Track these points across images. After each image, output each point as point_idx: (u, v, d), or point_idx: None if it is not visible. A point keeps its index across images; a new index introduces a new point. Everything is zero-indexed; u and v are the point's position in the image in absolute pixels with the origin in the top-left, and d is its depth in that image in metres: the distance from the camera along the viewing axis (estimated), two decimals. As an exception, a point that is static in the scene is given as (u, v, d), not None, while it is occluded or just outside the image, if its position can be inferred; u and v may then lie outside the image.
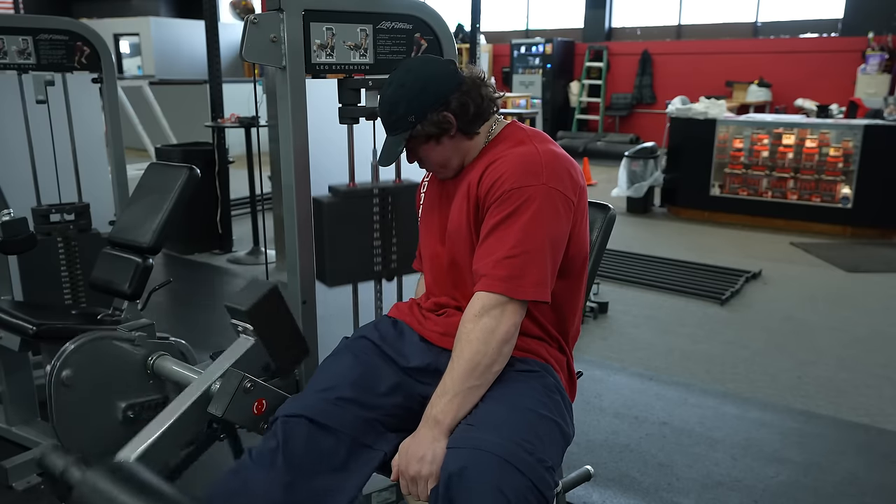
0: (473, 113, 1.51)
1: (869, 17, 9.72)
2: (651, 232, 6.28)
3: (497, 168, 1.44)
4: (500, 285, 1.36)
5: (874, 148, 5.87)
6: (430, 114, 1.48)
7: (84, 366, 1.76)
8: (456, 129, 1.51)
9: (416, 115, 1.48)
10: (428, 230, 1.65)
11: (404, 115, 1.49)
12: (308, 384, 1.51)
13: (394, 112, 1.50)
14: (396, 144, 1.52)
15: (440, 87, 1.49)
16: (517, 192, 1.39)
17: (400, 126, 1.50)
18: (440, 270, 1.59)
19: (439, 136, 1.51)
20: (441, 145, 1.52)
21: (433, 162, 1.56)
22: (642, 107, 11.72)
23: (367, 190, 1.94)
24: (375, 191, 1.95)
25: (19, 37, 2.74)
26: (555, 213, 1.40)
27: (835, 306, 4.24)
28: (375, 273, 2.00)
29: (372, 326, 1.64)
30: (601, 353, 3.50)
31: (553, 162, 1.43)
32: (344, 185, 1.93)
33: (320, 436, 1.37)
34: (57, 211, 2.91)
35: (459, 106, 1.49)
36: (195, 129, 6.31)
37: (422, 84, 1.49)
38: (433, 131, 1.50)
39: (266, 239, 5.18)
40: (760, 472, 2.45)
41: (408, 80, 1.50)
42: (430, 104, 1.48)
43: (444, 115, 1.48)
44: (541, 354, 1.51)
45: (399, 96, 1.49)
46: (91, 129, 3.30)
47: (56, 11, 4.09)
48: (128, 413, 1.77)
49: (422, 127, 1.49)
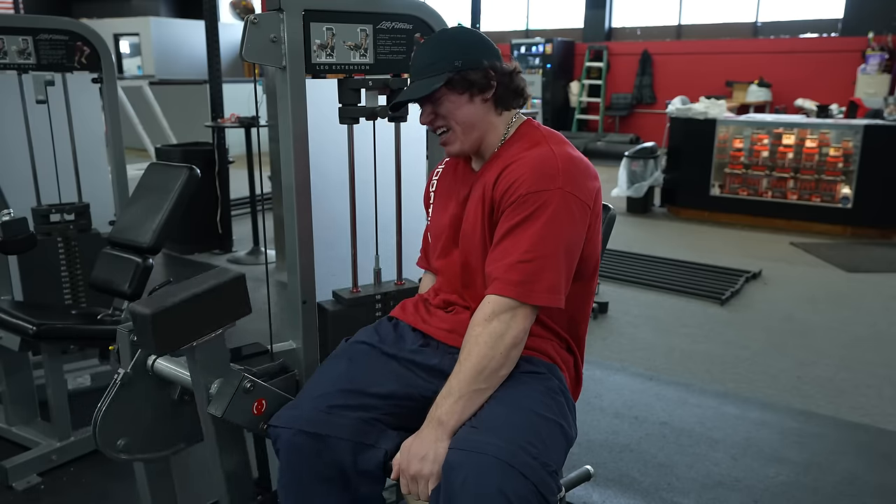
0: (513, 88, 1.50)
1: (869, 17, 9.73)
2: (651, 232, 6.28)
3: (513, 171, 1.42)
4: (512, 290, 1.36)
5: (874, 148, 5.87)
6: (478, 63, 1.45)
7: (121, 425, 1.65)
8: (493, 93, 1.48)
9: (464, 61, 1.44)
10: (439, 230, 1.63)
11: (450, 57, 1.44)
12: (304, 389, 1.52)
13: (438, 53, 1.46)
14: (432, 82, 1.45)
15: (490, 49, 1.50)
16: (534, 197, 1.37)
17: (441, 67, 1.44)
18: (452, 271, 1.58)
19: (474, 93, 1.47)
20: (472, 104, 1.48)
21: (457, 121, 1.49)
22: (642, 107, 11.72)
23: (369, 297, 1.97)
24: (378, 296, 1.98)
25: (19, 37, 2.74)
26: (570, 217, 1.39)
27: (835, 306, 4.24)
28: None
29: (372, 330, 1.64)
30: (601, 353, 3.50)
31: (570, 166, 1.42)
32: (347, 291, 1.96)
33: (322, 447, 1.38)
34: (57, 211, 2.91)
35: (506, 72, 1.49)
36: (195, 129, 6.31)
37: (474, 39, 1.49)
38: (476, 79, 1.45)
39: (266, 239, 5.19)
40: (760, 472, 2.45)
41: (456, 34, 1.51)
42: (479, 55, 1.46)
43: (489, 71, 1.46)
44: (548, 353, 1.50)
45: (445, 42, 1.48)
46: (91, 129, 3.30)
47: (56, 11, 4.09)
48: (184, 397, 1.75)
49: (463, 75, 1.44)
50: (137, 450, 1.65)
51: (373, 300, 1.97)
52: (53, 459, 2.39)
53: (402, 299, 1.94)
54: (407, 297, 1.80)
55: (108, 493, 2.28)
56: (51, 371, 2.31)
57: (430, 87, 1.45)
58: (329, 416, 1.40)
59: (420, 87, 1.46)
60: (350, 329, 1.71)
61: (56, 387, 2.34)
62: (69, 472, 2.38)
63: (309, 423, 1.39)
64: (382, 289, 2.00)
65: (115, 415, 1.59)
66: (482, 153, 1.55)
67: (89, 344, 2.47)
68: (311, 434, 1.38)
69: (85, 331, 2.34)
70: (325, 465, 1.38)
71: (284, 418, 1.43)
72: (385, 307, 1.98)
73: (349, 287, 1.98)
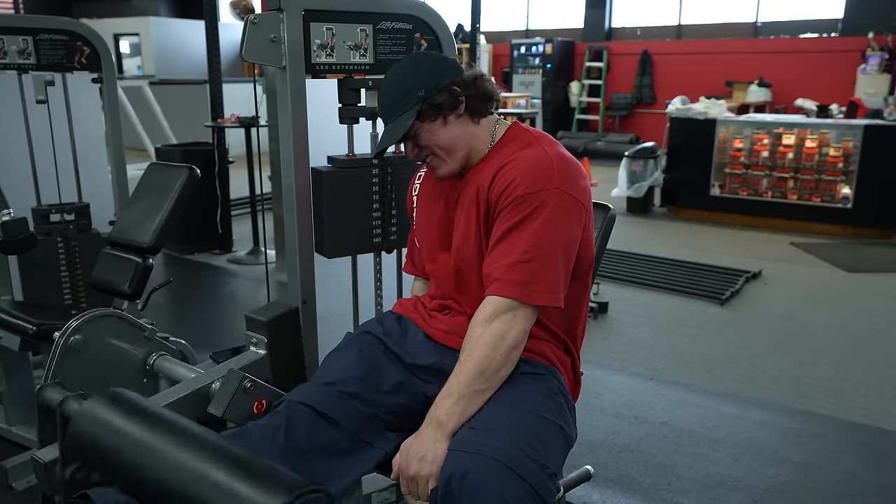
0: (482, 94, 1.50)
1: (869, 17, 9.72)
2: (651, 232, 6.28)
3: (508, 172, 1.42)
4: (512, 290, 1.35)
5: (874, 148, 5.87)
6: (439, 86, 1.46)
7: (93, 338, 1.78)
8: (465, 108, 1.48)
9: (427, 89, 1.45)
10: (428, 235, 1.62)
11: (413, 89, 1.46)
12: (313, 377, 1.52)
13: (400, 90, 1.47)
14: (404, 121, 1.47)
15: (447, 66, 1.50)
16: (530, 198, 1.38)
17: (407, 102, 1.46)
18: (445, 276, 1.57)
19: (447, 114, 1.47)
20: (448, 125, 1.48)
21: (439, 146, 1.49)
22: (642, 107, 11.72)
23: (366, 160, 1.92)
24: (375, 160, 1.93)
25: (19, 37, 2.74)
26: (567, 217, 1.39)
27: (835, 306, 4.24)
28: (375, 245, 1.97)
29: (376, 322, 1.64)
30: (601, 353, 3.50)
31: (564, 166, 1.42)
32: (343, 156, 1.91)
33: (323, 426, 1.38)
34: (57, 211, 2.91)
35: (468, 83, 1.49)
36: (195, 129, 6.30)
37: (428, 64, 1.49)
38: (443, 101, 1.46)
39: (266, 239, 5.19)
40: (760, 472, 2.45)
41: (411, 63, 1.51)
42: (438, 77, 1.46)
43: (453, 89, 1.47)
44: (546, 356, 1.50)
45: (403, 76, 1.49)
46: (91, 129, 3.30)
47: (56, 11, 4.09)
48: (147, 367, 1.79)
49: (430, 102, 1.46)
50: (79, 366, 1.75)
51: (370, 163, 1.92)
52: (53, 459, 2.38)
53: (400, 167, 1.93)
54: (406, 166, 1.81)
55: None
56: (51, 371, 2.31)
57: (404, 126, 1.46)
58: (340, 402, 1.41)
59: (394, 131, 1.48)
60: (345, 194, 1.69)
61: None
62: (69, 472, 2.38)
63: (321, 404, 1.40)
64: None
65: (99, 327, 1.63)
66: (471, 160, 1.55)
67: (89, 344, 2.47)
68: (319, 413, 1.39)
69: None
70: (315, 443, 1.38)
71: (296, 395, 1.43)
72: (383, 174, 1.93)
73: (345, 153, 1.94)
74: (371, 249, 1.98)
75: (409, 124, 1.46)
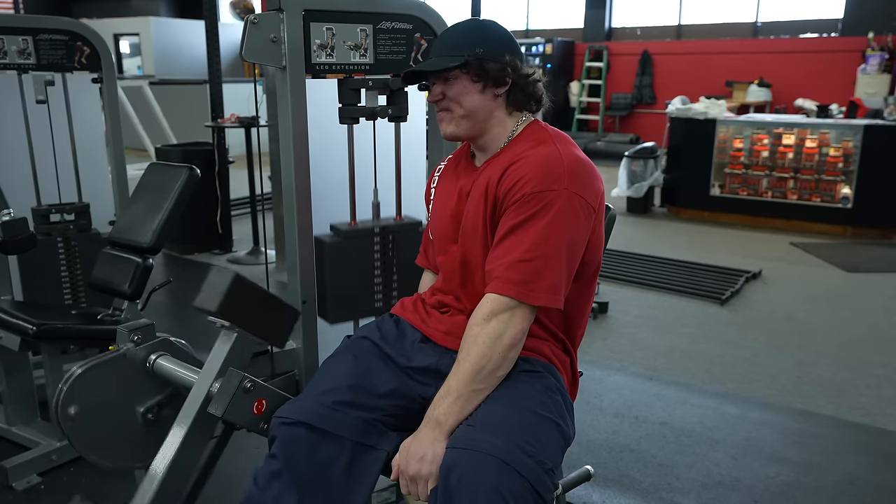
0: (528, 92, 1.50)
1: (869, 17, 9.73)
2: (651, 232, 6.28)
3: (518, 169, 1.41)
4: (512, 289, 1.35)
5: (874, 148, 5.87)
6: (498, 57, 1.45)
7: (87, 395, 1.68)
8: (506, 90, 1.48)
9: (486, 50, 1.44)
10: (440, 227, 1.62)
11: (473, 43, 1.45)
12: (308, 385, 1.51)
13: (463, 36, 1.47)
14: (448, 61, 1.45)
15: (514, 47, 1.49)
16: (538, 196, 1.36)
17: (461, 50, 1.45)
18: (451, 268, 1.57)
19: (488, 84, 1.47)
20: (482, 94, 1.47)
21: (462, 105, 1.48)
22: (642, 107, 11.73)
23: (368, 229, 1.94)
24: (376, 229, 1.96)
25: (19, 37, 2.74)
26: (575, 218, 1.38)
27: (835, 306, 4.24)
28: (377, 309, 2.00)
29: (374, 326, 1.64)
30: (601, 353, 3.50)
31: (576, 167, 1.41)
32: (345, 224, 1.94)
33: (321, 443, 1.37)
34: (57, 211, 2.91)
35: (521, 75, 1.48)
36: (195, 129, 6.30)
37: (499, 34, 1.49)
38: (492, 70, 1.45)
39: (266, 239, 5.19)
40: (760, 472, 2.44)
41: (483, 24, 1.51)
42: (502, 49, 1.46)
43: (507, 68, 1.46)
44: (545, 354, 1.50)
45: (474, 30, 1.49)
46: (91, 129, 3.30)
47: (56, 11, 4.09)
48: (148, 416, 1.76)
49: (481, 63, 1.44)
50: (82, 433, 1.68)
51: (371, 232, 1.95)
52: (53, 459, 2.39)
53: (401, 234, 1.93)
54: (407, 233, 1.79)
55: (108, 493, 2.28)
56: (51, 371, 2.31)
57: (445, 64, 1.46)
58: (335, 413, 1.40)
59: (435, 63, 1.48)
60: (347, 263, 1.70)
61: (56, 387, 2.34)
62: (69, 472, 2.38)
63: (315, 418, 1.38)
64: (382, 222, 1.98)
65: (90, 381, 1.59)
66: (486, 147, 1.54)
67: (89, 344, 2.46)
68: (314, 428, 1.37)
69: (85, 331, 2.33)
70: (316, 463, 1.37)
71: (289, 411, 1.42)
72: (384, 241, 1.95)
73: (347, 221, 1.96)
74: (373, 313, 2.00)
75: (452, 65, 1.45)
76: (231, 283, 1.47)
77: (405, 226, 1.99)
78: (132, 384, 1.66)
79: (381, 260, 1.97)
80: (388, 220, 1.99)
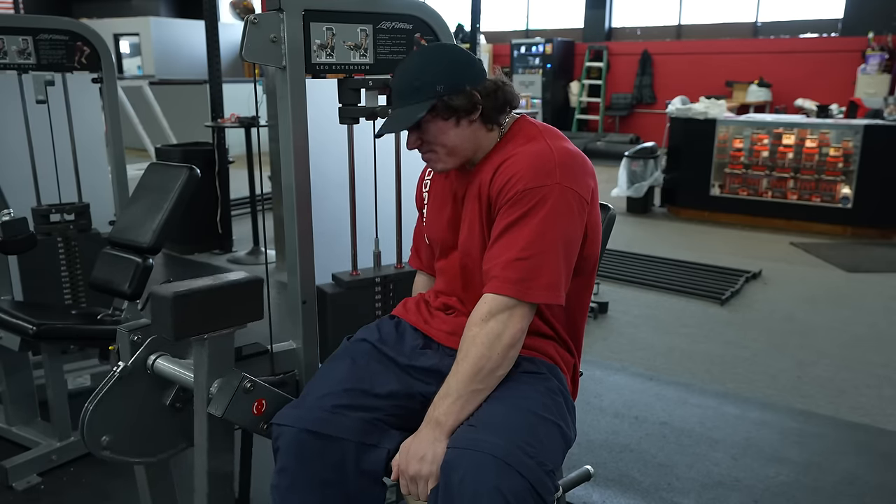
0: (500, 103, 1.45)
1: (869, 17, 9.73)
2: (651, 232, 6.28)
3: (509, 167, 1.40)
4: (509, 288, 1.34)
5: (874, 148, 5.87)
6: (460, 88, 1.40)
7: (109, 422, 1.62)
8: (480, 114, 1.44)
9: (446, 86, 1.39)
10: (439, 234, 1.61)
11: (432, 82, 1.39)
12: (306, 388, 1.51)
13: (419, 78, 1.40)
14: (415, 111, 1.40)
15: (473, 68, 1.44)
16: (531, 193, 1.35)
17: (424, 94, 1.40)
18: (452, 272, 1.56)
19: (461, 117, 1.43)
20: (459, 128, 1.43)
21: (444, 145, 1.45)
22: (642, 107, 11.73)
23: (369, 280, 1.95)
24: (377, 279, 1.97)
25: (19, 37, 2.74)
26: (569, 213, 1.37)
27: (835, 306, 4.24)
28: None
29: (374, 327, 1.63)
30: (601, 353, 3.50)
31: (567, 160, 1.39)
32: (347, 274, 1.94)
33: (321, 446, 1.37)
34: (57, 211, 2.91)
35: (489, 91, 1.44)
36: (195, 129, 6.30)
37: (453, 60, 1.44)
38: (460, 105, 1.40)
39: (266, 239, 5.19)
40: (760, 472, 2.45)
41: (437, 54, 1.45)
42: (461, 79, 1.41)
43: (473, 93, 1.42)
44: (549, 354, 1.50)
45: (427, 64, 1.43)
46: (91, 129, 3.30)
47: (56, 11, 4.09)
48: (176, 405, 1.74)
49: (448, 100, 1.40)
50: (122, 450, 1.63)
51: (372, 283, 1.95)
52: (53, 459, 2.39)
53: (401, 283, 1.93)
54: (407, 281, 1.77)
55: (108, 493, 2.28)
56: (51, 371, 2.31)
57: (414, 117, 1.40)
58: (334, 416, 1.39)
59: (402, 118, 1.42)
60: (349, 313, 1.70)
61: (56, 387, 2.34)
62: (69, 472, 2.38)
63: (314, 423, 1.38)
64: (382, 272, 1.99)
65: (106, 410, 1.58)
66: (475, 157, 1.52)
67: (89, 344, 2.47)
68: (316, 434, 1.37)
69: (85, 331, 2.34)
70: (326, 467, 1.37)
71: (288, 417, 1.41)
72: (385, 290, 1.96)
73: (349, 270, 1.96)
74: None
75: (420, 116, 1.40)
76: (172, 304, 1.38)
77: (405, 274, 2.00)
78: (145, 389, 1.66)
79: (382, 309, 2.01)
80: (389, 268, 2.02)
